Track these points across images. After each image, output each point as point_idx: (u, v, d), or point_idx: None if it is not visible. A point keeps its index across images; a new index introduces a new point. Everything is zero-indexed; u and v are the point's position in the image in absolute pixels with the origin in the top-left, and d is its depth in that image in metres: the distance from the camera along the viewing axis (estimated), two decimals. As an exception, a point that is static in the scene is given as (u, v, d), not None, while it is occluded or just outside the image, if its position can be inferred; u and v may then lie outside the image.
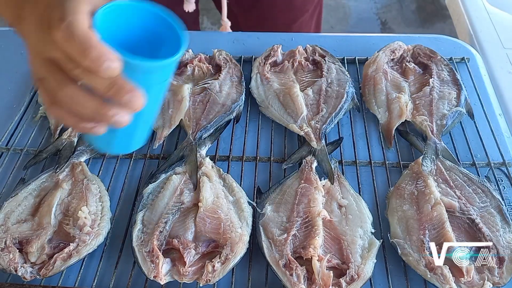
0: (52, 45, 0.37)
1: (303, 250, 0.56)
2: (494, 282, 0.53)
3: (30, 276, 0.54)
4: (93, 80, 0.37)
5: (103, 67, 0.36)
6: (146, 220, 0.60)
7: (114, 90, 0.38)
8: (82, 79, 0.38)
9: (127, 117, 0.39)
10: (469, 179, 0.63)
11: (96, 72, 0.37)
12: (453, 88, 0.75)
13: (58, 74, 0.38)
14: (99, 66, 0.36)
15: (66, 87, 0.38)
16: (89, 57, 0.36)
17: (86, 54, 0.36)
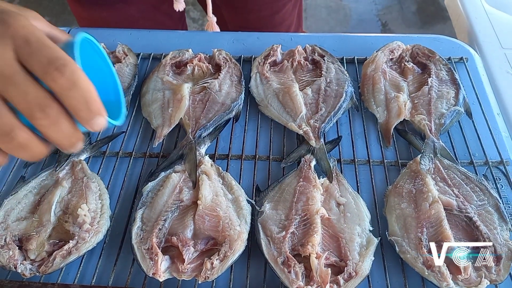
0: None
1: (301, 247, 0.56)
2: (492, 280, 0.53)
3: (29, 273, 0.55)
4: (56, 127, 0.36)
5: (94, 122, 0.37)
6: (146, 218, 0.60)
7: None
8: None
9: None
10: (467, 178, 0.63)
11: (83, 123, 0.37)
12: (451, 87, 0.75)
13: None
14: (92, 119, 0.36)
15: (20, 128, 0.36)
16: (89, 110, 0.36)
17: (88, 107, 0.36)
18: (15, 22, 0.35)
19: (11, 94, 0.34)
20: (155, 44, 0.90)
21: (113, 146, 0.72)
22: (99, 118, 0.37)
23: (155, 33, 0.93)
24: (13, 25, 0.35)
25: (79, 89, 0.35)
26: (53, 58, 0.35)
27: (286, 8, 1.05)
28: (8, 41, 0.35)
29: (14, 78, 0.34)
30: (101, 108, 0.37)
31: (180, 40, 0.91)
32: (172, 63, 0.81)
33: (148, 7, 1.01)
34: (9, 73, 0.34)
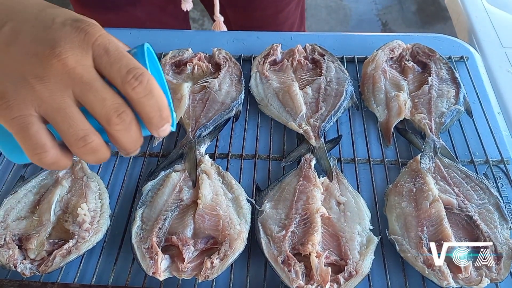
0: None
1: (301, 246, 0.56)
2: (492, 278, 0.53)
3: (29, 273, 0.55)
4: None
5: (163, 129, 0.39)
6: (145, 217, 0.60)
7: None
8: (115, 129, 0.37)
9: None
10: (468, 177, 0.63)
11: (153, 130, 0.39)
12: (451, 86, 0.75)
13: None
14: (162, 126, 0.38)
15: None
16: (161, 117, 0.38)
17: (160, 114, 0.38)
18: (93, 31, 0.37)
19: (89, 100, 0.36)
20: (155, 44, 0.89)
21: (112, 146, 0.71)
22: (167, 125, 0.39)
23: (155, 32, 0.93)
24: (92, 34, 0.36)
25: (154, 96, 0.37)
26: (132, 67, 0.36)
27: (289, 7, 1.06)
28: (89, 49, 0.36)
29: (93, 84, 0.36)
30: (169, 115, 0.39)
31: (180, 39, 0.91)
32: (172, 62, 0.81)
33: (155, 8, 1.01)
34: (88, 80, 0.36)
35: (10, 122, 0.35)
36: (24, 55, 0.35)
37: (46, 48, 0.35)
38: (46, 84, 0.35)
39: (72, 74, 0.35)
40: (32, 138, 0.35)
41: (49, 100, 0.35)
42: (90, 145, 0.37)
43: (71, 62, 0.35)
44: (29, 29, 0.37)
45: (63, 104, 0.35)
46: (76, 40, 0.36)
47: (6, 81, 0.35)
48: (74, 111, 0.36)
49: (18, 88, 0.35)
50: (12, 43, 0.36)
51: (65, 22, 0.37)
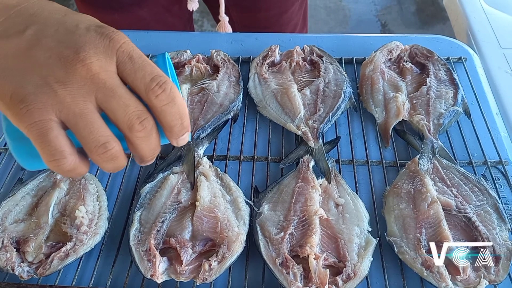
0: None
1: (299, 248, 0.56)
2: (490, 280, 0.53)
3: (27, 276, 0.55)
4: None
5: (183, 137, 0.39)
6: (144, 220, 0.60)
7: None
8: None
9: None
10: (466, 178, 0.63)
11: (173, 138, 0.39)
12: (450, 87, 0.75)
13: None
14: (182, 135, 0.38)
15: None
16: (182, 125, 0.38)
17: (182, 122, 0.37)
18: (118, 37, 0.37)
19: (111, 106, 0.35)
20: (153, 45, 0.90)
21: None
22: (187, 134, 0.39)
23: (153, 34, 0.93)
24: (117, 40, 0.36)
25: (176, 105, 0.37)
26: (156, 75, 0.36)
27: (293, 8, 1.06)
28: (113, 56, 0.36)
29: (117, 90, 0.35)
30: (189, 124, 0.39)
31: (178, 41, 0.91)
32: (170, 64, 0.81)
33: (160, 9, 1.01)
34: (112, 86, 0.35)
35: (30, 127, 0.34)
36: (47, 59, 0.35)
37: (70, 52, 0.35)
38: (69, 89, 0.34)
39: (96, 80, 0.35)
40: (51, 144, 0.34)
41: (71, 105, 0.34)
42: (110, 152, 0.36)
43: (95, 67, 0.35)
44: (53, 33, 0.36)
45: (85, 109, 0.35)
46: (100, 46, 0.36)
47: (28, 84, 0.34)
48: (95, 117, 0.35)
49: (40, 92, 0.34)
50: (35, 46, 0.35)
51: (89, 28, 0.37)
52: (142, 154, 0.38)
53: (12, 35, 0.36)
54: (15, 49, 0.35)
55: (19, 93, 0.34)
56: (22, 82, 0.34)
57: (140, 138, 0.36)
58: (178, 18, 1.05)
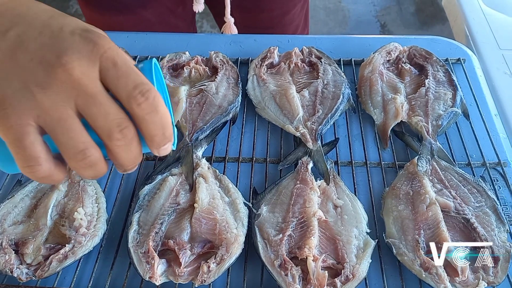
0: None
1: (298, 250, 0.56)
2: (489, 282, 0.53)
3: (25, 278, 0.55)
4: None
5: (165, 147, 0.38)
6: (142, 221, 0.60)
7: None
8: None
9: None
10: (464, 179, 0.63)
11: (154, 148, 0.37)
12: (448, 88, 0.75)
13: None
14: (164, 145, 0.37)
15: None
16: (164, 135, 0.37)
17: (163, 132, 0.36)
18: (103, 42, 0.35)
19: (91, 113, 0.34)
20: (152, 47, 0.90)
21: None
22: (169, 144, 0.38)
23: (152, 35, 0.93)
24: (101, 46, 0.35)
25: (159, 114, 0.36)
26: (139, 83, 0.35)
27: (295, 9, 1.06)
28: (96, 61, 0.35)
29: (98, 97, 0.34)
30: (172, 134, 0.38)
31: (177, 42, 0.91)
32: (169, 65, 0.81)
33: (164, 10, 1.01)
34: (93, 92, 0.34)
35: (6, 131, 0.33)
36: (28, 62, 0.34)
37: (52, 56, 0.34)
38: (48, 94, 0.33)
39: (77, 85, 0.34)
40: (26, 149, 0.34)
41: (50, 110, 0.33)
42: (89, 159, 0.35)
43: (76, 72, 0.34)
44: (36, 35, 0.35)
45: (64, 115, 0.34)
46: (84, 51, 0.35)
47: (7, 88, 0.33)
48: (75, 122, 0.34)
49: (19, 96, 0.33)
50: (17, 49, 0.34)
51: (74, 31, 0.36)
52: (122, 163, 0.37)
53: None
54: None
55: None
56: (1, 85, 0.34)
57: (119, 146, 0.35)
58: (182, 20, 1.05)
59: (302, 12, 1.11)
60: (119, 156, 0.36)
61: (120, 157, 0.36)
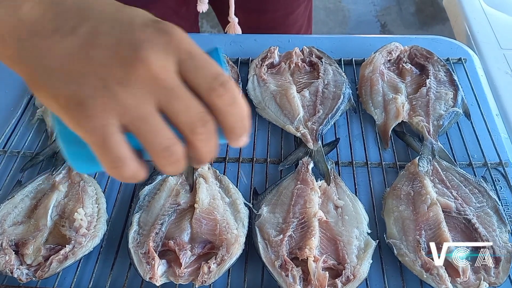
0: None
1: (299, 251, 0.56)
2: (491, 282, 0.53)
3: (26, 278, 0.54)
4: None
5: (244, 138, 0.36)
6: (142, 222, 0.60)
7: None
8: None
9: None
10: (466, 179, 0.63)
11: (234, 139, 0.36)
12: (450, 88, 0.75)
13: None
14: (242, 136, 0.36)
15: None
16: (243, 126, 0.35)
17: (243, 124, 0.35)
18: (177, 33, 0.34)
19: (173, 108, 0.33)
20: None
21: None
22: (246, 136, 0.36)
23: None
24: (176, 36, 0.33)
25: (239, 105, 0.34)
26: (217, 73, 0.34)
27: (299, 9, 1.06)
28: (173, 53, 0.33)
29: (178, 91, 0.33)
30: (250, 124, 0.36)
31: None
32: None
33: (168, 11, 1.01)
34: (173, 86, 0.33)
35: (89, 133, 0.32)
36: (105, 59, 0.32)
37: (129, 51, 0.32)
38: (130, 91, 0.32)
39: (157, 80, 0.32)
40: (112, 150, 0.32)
41: (134, 108, 0.32)
42: (175, 156, 0.34)
43: (155, 67, 0.32)
44: (108, 30, 0.33)
45: (147, 112, 0.32)
46: (160, 43, 0.33)
47: (86, 87, 0.32)
48: (158, 119, 0.33)
49: (99, 95, 0.32)
50: (91, 45, 0.33)
51: (146, 23, 0.34)
52: (202, 157, 0.36)
53: (65, 33, 0.33)
54: (69, 49, 0.32)
55: (77, 96, 0.31)
56: (79, 84, 0.32)
57: (201, 140, 0.34)
58: (185, 20, 1.05)
59: (306, 12, 1.10)
60: (200, 150, 0.35)
61: (202, 151, 0.35)
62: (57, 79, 0.32)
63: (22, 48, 0.33)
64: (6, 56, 0.33)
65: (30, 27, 0.33)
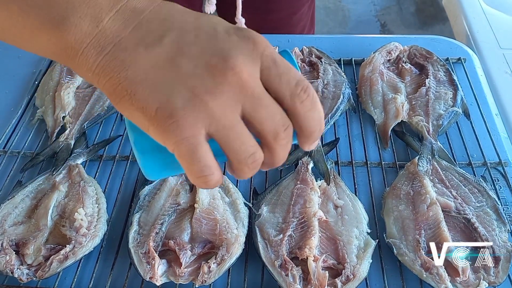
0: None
1: (298, 250, 0.56)
2: (490, 282, 0.53)
3: (26, 278, 0.55)
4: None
5: (317, 142, 0.37)
6: (143, 222, 0.60)
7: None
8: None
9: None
10: (465, 179, 0.63)
11: (310, 143, 0.36)
12: (449, 88, 0.75)
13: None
14: (317, 140, 0.36)
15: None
16: (320, 130, 0.35)
17: (320, 128, 0.35)
18: (261, 40, 0.34)
19: (260, 116, 0.33)
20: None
21: (110, 150, 0.72)
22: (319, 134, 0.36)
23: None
24: (260, 44, 0.34)
25: (318, 109, 0.35)
26: (299, 79, 0.34)
27: (303, 9, 1.06)
28: (258, 60, 0.33)
29: (264, 99, 0.33)
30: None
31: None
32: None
33: None
34: (259, 94, 0.33)
35: (178, 143, 0.31)
36: (193, 69, 0.32)
37: (217, 60, 0.32)
38: (218, 100, 0.31)
39: (245, 88, 0.32)
40: (201, 160, 0.32)
41: (221, 118, 0.32)
42: (258, 162, 0.34)
43: (245, 75, 0.32)
44: (193, 39, 0.33)
45: (235, 121, 0.32)
46: (245, 51, 0.33)
47: (175, 98, 0.31)
48: (243, 127, 0.33)
49: (189, 105, 0.31)
50: (178, 55, 0.32)
51: (228, 31, 0.34)
52: (279, 161, 0.36)
53: (150, 44, 0.33)
54: (155, 60, 0.32)
55: (166, 108, 0.31)
56: (169, 95, 0.31)
57: (282, 145, 0.34)
58: None
59: (309, 12, 1.10)
60: (280, 155, 0.35)
61: (281, 156, 0.35)
62: (144, 91, 0.32)
63: (105, 60, 0.32)
64: (87, 69, 0.33)
65: (112, 39, 0.33)
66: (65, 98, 0.75)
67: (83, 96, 0.77)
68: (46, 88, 0.79)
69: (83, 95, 0.77)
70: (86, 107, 0.75)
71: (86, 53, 0.33)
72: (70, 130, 0.72)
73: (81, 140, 0.72)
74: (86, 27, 0.33)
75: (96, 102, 0.76)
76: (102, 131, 0.75)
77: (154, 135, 0.32)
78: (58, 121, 0.73)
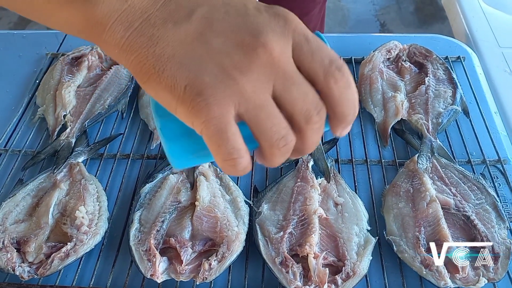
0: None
1: (299, 247, 0.56)
2: (489, 278, 0.53)
3: (28, 276, 0.55)
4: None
5: (349, 127, 0.34)
6: (143, 219, 0.60)
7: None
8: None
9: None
10: (465, 177, 0.64)
11: (344, 128, 0.34)
12: (448, 86, 0.75)
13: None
14: (351, 124, 0.34)
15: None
16: (355, 112, 0.33)
17: (355, 110, 0.33)
18: (292, 17, 0.32)
19: (291, 95, 0.31)
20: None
21: (111, 148, 0.72)
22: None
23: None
24: (291, 21, 0.32)
25: (353, 90, 0.32)
26: (333, 57, 0.32)
27: (314, 10, 1.05)
28: (290, 38, 0.32)
29: (296, 78, 0.31)
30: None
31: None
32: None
33: None
34: (291, 72, 0.31)
35: (207, 123, 0.30)
36: (223, 45, 0.31)
37: (248, 36, 0.31)
38: (249, 78, 0.30)
39: (276, 66, 0.31)
40: (229, 141, 0.30)
41: (252, 96, 0.30)
42: (289, 145, 0.32)
43: (276, 52, 0.30)
44: (223, 16, 0.32)
45: (266, 100, 0.31)
46: (277, 28, 0.31)
47: (204, 75, 0.30)
48: (275, 107, 0.31)
49: (218, 82, 0.30)
50: (207, 32, 0.31)
51: (259, 8, 0.32)
52: (309, 147, 0.33)
53: (179, 20, 0.32)
54: (184, 36, 0.31)
55: (195, 85, 0.30)
56: (197, 72, 0.30)
57: (314, 129, 0.32)
58: None
59: (320, 13, 1.08)
60: (311, 139, 0.33)
61: (312, 141, 0.33)
62: (172, 68, 0.30)
63: (133, 36, 0.31)
64: (114, 44, 0.32)
65: (141, 14, 0.32)
66: (66, 97, 0.75)
67: (84, 95, 0.77)
68: (47, 86, 0.80)
69: (84, 94, 0.77)
70: (87, 105, 0.75)
71: (113, 29, 0.32)
72: (71, 128, 0.72)
73: (82, 138, 0.72)
74: (114, 2, 0.32)
75: (97, 100, 0.76)
76: (103, 130, 0.75)
77: (182, 116, 0.31)
78: (59, 120, 0.74)
